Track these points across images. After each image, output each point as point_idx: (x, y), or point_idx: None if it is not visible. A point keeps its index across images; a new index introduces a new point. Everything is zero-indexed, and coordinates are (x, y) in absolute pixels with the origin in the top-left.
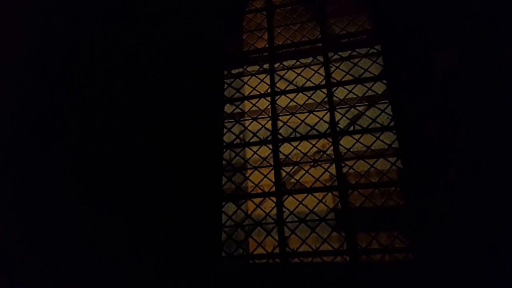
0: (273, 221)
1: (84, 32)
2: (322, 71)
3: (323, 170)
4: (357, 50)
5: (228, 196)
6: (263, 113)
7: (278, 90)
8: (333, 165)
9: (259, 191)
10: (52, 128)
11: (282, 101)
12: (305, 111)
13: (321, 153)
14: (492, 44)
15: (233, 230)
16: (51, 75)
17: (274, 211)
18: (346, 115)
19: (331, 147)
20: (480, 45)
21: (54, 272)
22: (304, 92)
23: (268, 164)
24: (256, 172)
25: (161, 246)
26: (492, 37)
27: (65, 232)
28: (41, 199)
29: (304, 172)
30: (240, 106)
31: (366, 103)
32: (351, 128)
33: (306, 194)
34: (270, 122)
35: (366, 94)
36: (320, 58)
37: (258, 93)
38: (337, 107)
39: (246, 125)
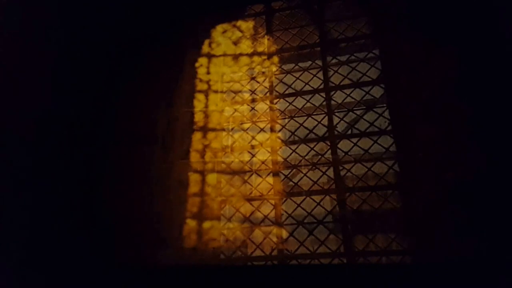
0: (271, 223)
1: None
2: (320, 75)
3: (321, 173)
4: (355, 54)
5: (227, 199)
6: (261, 116)
7: (277, 93)
8: (331, 168)
9: (258, 193)
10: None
11: (281, 104)
12: (304, 114)
13: (319, 156)
14: (490, 49)
15: (232, 232)
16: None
17: (273, 213)
18: (344, 118)
19: (329, 151)
20: (478, 50)
21: None
22: (303, 96)
23: (267, 167)
24: (255, 175)
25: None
26: (490, 42)
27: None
28: None
29: (302, 175)
30: (239, 110)
31: (364, 107)
32: (349, 132)
33: (304, 197)
34: (269, 125)
35: (364, 98)
36: (319, 62)
37: (257, 97)
38: (335, 111)
39: (245, 128)
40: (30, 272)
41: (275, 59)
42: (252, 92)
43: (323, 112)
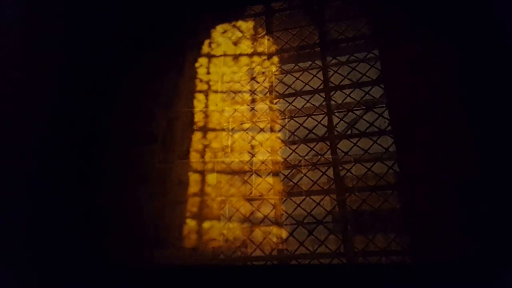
0: (271, 223)
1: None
2: (320, 75)
3: (321, 173)
4: (355, 54)
5: (227, 199)
6: (261, 116)
7: (277, 93)
8: (331, 168)
9: (258, 193)
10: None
11: (281, 104)
12: (304, 115)
13: (319, 156)
14: (490, 49)
15: (232, 232)
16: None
17: (273, 213)
18: (344, 119)
19: (329, 151)
20: (478, 50)
21: None
22: (303, 96)
23: (267, 167)
24: (255, 175)
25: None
26: (490, 42)
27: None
28: None
29: (302, 175)
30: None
31: (364, 107)
32: (349, 132)
33: (304, 197)
34: (268, 126)
35: (364, 98)
36: (319, 63)
37: (257, 97)
38: (335, 111)
39: (245, 128)
40: (30, 272)
41: (275, 59)
42: (252, 92)
43: (323, 112)
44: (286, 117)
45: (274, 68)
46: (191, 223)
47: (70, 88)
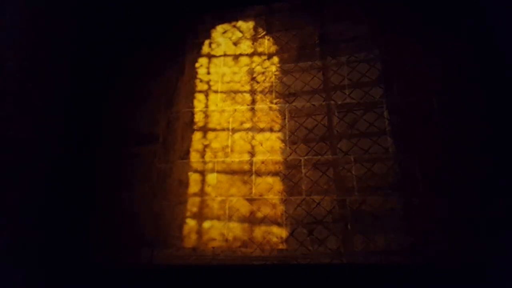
0: (271, 223)
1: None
2: (320, 75)
3: (321, 173)
4: (355, 54)
5: (227, 199)
6: (261, 116)
7: (277, 93)
8: (331, 168)
9: (258, 193)
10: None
11: (281, 104)
12: (304, 115)
13: (319, 156)
14: (490, 49)
15: (232, 232)
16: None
17: (273, 213)
18: (344, 118)
19: (329, 151)
20: (478, 50)
21: None
22: (303, 96)
23: (267, 167)
24: (255, 175)
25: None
26: (490, 42)
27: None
28: None
29: (302, 175)
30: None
31: (364, 107)
32: (349, 132)
33: (304, 197)
34: (269, 126)
35: (364, 99)
36: (319, 63)
37: (257, 97)
38: (335, 111)
39: (245, 128)
40: (30, 272)
41: (275, 59)
42: (252, 92)
43: (323, 112)
44: (286, 117)
45: (274, 68)
46: (191, 223)
47: (70, 88)
